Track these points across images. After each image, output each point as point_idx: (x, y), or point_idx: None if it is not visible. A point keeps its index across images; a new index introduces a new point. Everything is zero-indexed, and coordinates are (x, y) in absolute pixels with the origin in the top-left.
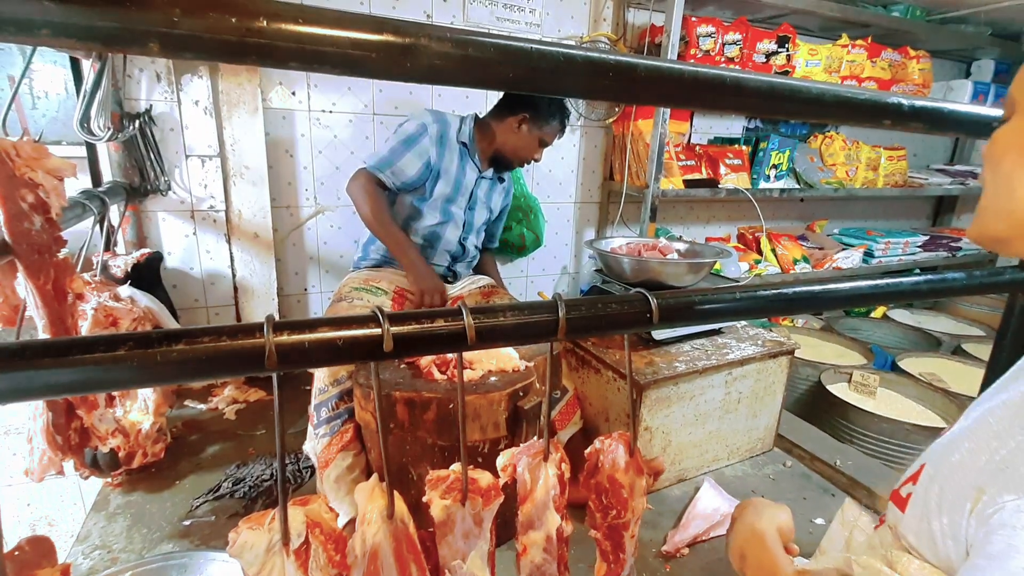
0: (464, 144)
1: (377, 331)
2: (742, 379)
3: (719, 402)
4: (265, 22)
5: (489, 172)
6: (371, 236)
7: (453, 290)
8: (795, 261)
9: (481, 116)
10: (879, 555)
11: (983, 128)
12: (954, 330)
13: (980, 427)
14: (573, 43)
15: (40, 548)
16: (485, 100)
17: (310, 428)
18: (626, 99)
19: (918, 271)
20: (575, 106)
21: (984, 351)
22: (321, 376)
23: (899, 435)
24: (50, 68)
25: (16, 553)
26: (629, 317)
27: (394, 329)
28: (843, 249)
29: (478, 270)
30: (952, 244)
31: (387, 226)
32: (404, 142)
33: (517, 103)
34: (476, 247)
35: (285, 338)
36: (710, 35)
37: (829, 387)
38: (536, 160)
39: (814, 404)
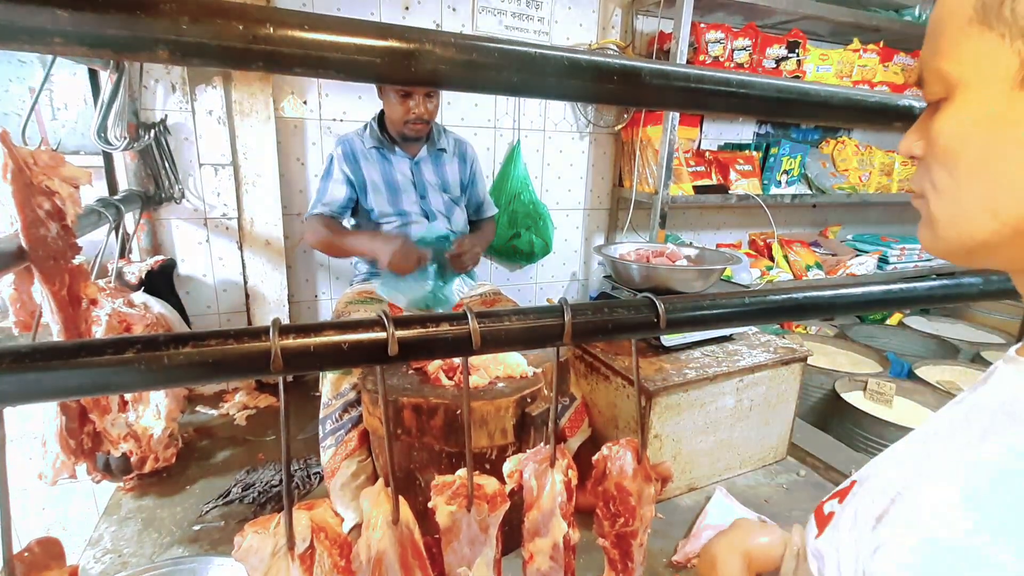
0: (375, 147)
1: (382, 335)
2: (754, 386)
3: (730, 410)
4: (271, 29)
5: (422, 151)
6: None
7: (453, 299)
8: (808, 267)
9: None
10: None
11: None
12: (973, 337)
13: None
14: (582, 50)
15: (49, 550)
16: (494, 105)
17: (320, 443)
18: (632, 102)
19: (935, 277)
20: (584, 112)
21: None
22: (325, 391)
23: None
24: (69, 80)
25: (25, 554)
26: (636, 322)
27: (399, 333)
28: (857, 255)
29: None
30: None
31: (340, 237)
32: (323, 177)
33: None
34: (450, 229)
35: (291, 341)
36: (719, 41)
37: (844, 395)
38: (416, 114)
39: (828, 413)
